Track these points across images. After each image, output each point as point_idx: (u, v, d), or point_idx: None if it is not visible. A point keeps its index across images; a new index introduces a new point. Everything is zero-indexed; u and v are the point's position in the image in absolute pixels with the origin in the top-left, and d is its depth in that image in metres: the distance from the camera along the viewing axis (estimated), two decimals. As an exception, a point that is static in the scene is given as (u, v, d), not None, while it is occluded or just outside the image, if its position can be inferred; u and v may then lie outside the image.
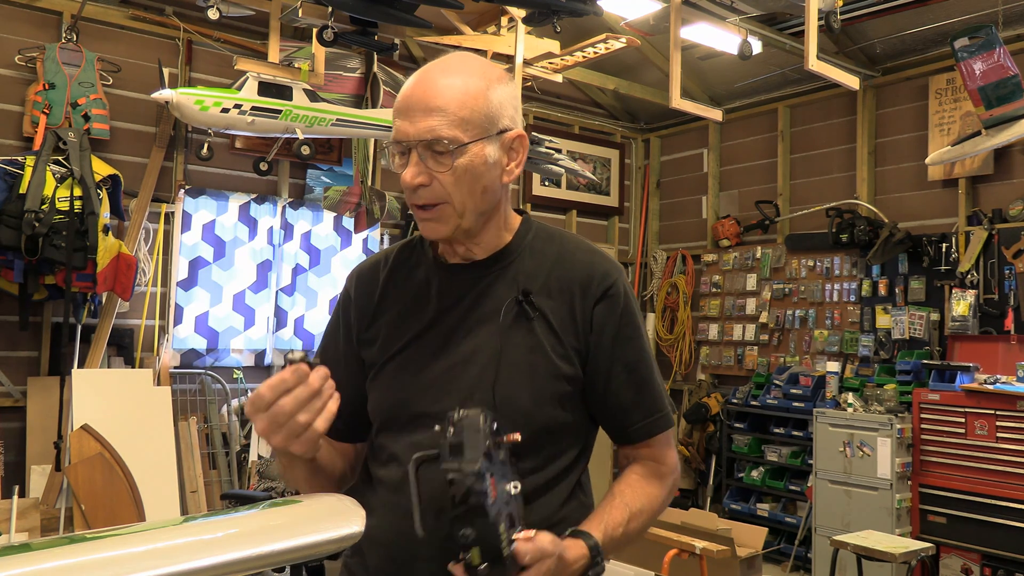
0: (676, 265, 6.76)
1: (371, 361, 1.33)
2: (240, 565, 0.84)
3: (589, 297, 1.28)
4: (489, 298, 1.28)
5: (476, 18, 5.01)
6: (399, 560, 1.23)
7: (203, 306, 4.91)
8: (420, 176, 1.20)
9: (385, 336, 1.32)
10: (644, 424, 1.32)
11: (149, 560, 0.80)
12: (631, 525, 1.23)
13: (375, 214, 5.11)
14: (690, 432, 6.12)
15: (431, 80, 1.21)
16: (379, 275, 1.37)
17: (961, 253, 4.94)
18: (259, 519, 0.96)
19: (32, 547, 0.81)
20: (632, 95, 6.30)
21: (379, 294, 1.35)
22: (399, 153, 1.23)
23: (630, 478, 1.33)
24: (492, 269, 1.30)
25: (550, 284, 1.29)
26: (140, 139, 4.73)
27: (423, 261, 1.35)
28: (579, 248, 1.34)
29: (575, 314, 1.28)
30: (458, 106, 1.19)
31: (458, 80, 1.21)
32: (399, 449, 1.26)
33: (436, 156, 1.19)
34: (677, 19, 4.25)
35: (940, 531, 4.47)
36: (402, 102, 1.22)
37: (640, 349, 1.32)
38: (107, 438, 3.89)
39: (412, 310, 1.31)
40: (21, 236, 3.74)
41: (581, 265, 1.31)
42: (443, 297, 1.30)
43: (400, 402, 1.28)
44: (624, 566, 3.01)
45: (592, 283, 1.29)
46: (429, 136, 1.18)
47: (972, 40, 4.21)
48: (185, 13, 4.81)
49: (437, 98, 1.19)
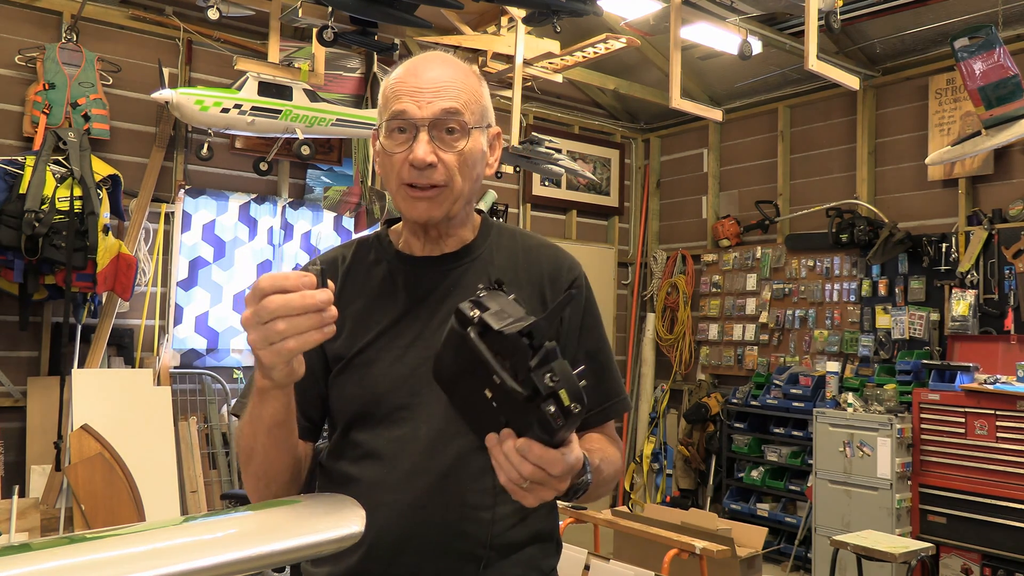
0: (676, 265, 6.76)
1: (336, 354, 1.30)
2: (240, 565, 0.84)
3: (558, 288, 1.34)
4: (461, 289, 1.29)
5: (476, 18, 5.02)
6: (382, 558, 1.21)
7: (203, 306, 4.91)
8: (432, 154, 1.22)
9: (351, 330, 1.30)
10: (602, 409, 1.36)
11: (149, 560, 0.80)
12: (603, 466, 1.22)
13: (375, 214, 5.11)
14: (690, 432, 6.12)
15: (434, 67, 1.26)
16: (338, 269, 1.37)
17: (961, 253, 4.94)
18: (259, 519, 0.96)
19: (32, 547, 0.81)
20: (632, 95, 6.30)
21: (339, 287, 1.34)
22: (398, 131, 1.24)
23: (592, 436, 1.34)
24: (462, 262, 1.33)
25: (519, 277, 1.33)
26: (140, 139, 4.73)
27: (384, 256, 1.36)
28: (541, 244, 1.41)
29: (546, 305, 1.32)
30: (466, 93, 1.26)
31: (459, 71, 1.28)
32: (380, 444, 1.24)
33: (445, 137, 1.23)
34: (677, 19, 4.25)
35: (940, 531, 4.47)
36: (405, 84, 1.24)
37: (600, 338, 1.39)
38: (107, 438, 3.89)
39: (378, 303, 1.31)
40: (21, 236, 3.74)
41: (547, 259, 1.38)
42: (412, 289, 1.31)
43: (375, 395, 1.26)
44: (624, 566, 3.01)
45: (560, 275, 1.35)
46: (442, 115, 1.22)
47: (972, 40, 4.21)
48: (185, 13, 4.81)
49: (448, 82, 1.24)
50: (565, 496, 1.05)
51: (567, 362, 0.94)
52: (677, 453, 6.28)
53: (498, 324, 0.95)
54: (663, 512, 4.13)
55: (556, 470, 0.95)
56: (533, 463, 0.94)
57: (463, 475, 1.22)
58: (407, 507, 1.21)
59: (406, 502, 1.21)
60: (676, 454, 6.30)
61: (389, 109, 1.25)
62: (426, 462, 1.23)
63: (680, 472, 6.21)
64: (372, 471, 1.24)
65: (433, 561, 1.21)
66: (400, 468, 1.23)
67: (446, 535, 1.21)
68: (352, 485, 1.24)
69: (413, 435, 1.24)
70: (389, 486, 1.22)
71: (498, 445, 0.96)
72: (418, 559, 1.21)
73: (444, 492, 1.22)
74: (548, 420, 0.92)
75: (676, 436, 6.36)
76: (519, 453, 0.94)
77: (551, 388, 0.92)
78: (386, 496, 1.22)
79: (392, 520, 1.21)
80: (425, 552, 1.21)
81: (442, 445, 1.22)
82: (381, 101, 1.29)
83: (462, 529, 1.22)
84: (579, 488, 1.08)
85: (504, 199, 6.14)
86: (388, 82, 1.28)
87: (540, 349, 0.93)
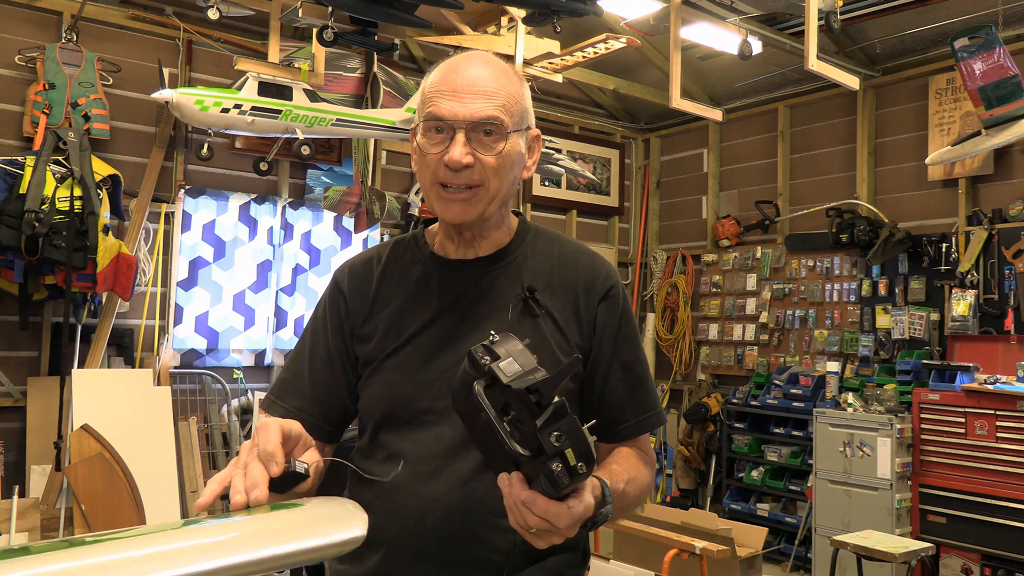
0: (676, 265, 6.76)
1: (367, 358, 1.30)
2: (242, 569, 0.84)
3: (593, 297, 1.31)
4: (493, 294, 1.28)
5: (476, 18, 5.01)
6: (401, 561, 1.21)
7: (203, 306, 4.91)
8: (469, 156, 1.21)
9: (384, 332, 1.30)
10: (637, 421, 1.34)
11: (149, 564, 0.80)
12: (629, 488, 1.21)
13: (375, 214, 5.11)
14: (690, 432, 6.12)
15: (476, 67, 1.24)
16: (373, 271, 1.36)
17: (961, 253, 4.94)
18: (261, 522, 0.96)
19: (31, 550, 0.80)
20: (632, 95, 6.29)
21: (374, 290, 1.33)
22: (435, 131, 1.23)
23: (623, 452, 1.33)
24: (496, 266, 1.31)
25: (554, 283, 1.31)
26: (140, 139, 4.73)
27: (419, 258, 1.35)
28: (579, 250, 1.38)
29: (579, 313, 1.30)
30: (506, 95, 1.23)
31: (501, 73, 1.25)
32: (404, 447, 1.24)
33: (483, 139, 1.22)
34: (677, 19, 4.25)
35: (940, 531, 4.47)
36: (447, 84, 1.22)
37: (636, 348, 1.36)
38: (107, 438, 3.88)
39: (412, 306, 1.30)
40: (21, 236, 3.74)
41: (583, 266, 1.34)
42: (445, 293, 1.30)
43: (403, 398, 1.26)
44: (624, 566, 3.01)
45: (596, 283, 1.32)
46: (485, 116, 1.21)
47: (972, 40, 4.20)
48: (185, 13, 4.80)
49: (489, 84, 1.22)
50: (583, 528, 1.04)
51: (576, 417, 0.93)
52: (677, 453, 6.27)
53: (506, 377, 0.94)
54: (663, 512, 4.13)
55: (561, 524, 0.95)
56: (539, 516, 0.95)
57: (485, 482, 1.20)
58: (427, 510, 1.20)
59: (426, 505, 1.20)
60: (676, 454, 6.30)
61: (427, 108, 1.24)
62: (448, 466, 1.22)
63: (680, 472, 6.21)
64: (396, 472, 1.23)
65: (451, 568, 1.20)
66: (422, 471, 1.22)
67: (465, 541, 1.20)
68: (376, 486, 1.24)
69: (437, 439, 1.23)
70: (411, 489, 1.22)
71: (508, 488, 0.97)
72: (437, 565, 1.20)
73: (465, 498, 1.21)
74: (554, 477, 0.92)
75: (676, 436, 6.36)
76: (525, 505, 0.95)
77: (557, 448, 0.92)
78: (407, 499, 1.21)
79: (412, 523, 1.20)
80: (444, 558, 1.20)
81: (465, 451, 1.20)
82: (420, 99, 1.28)
83: (482, 536, 1.20)
84: (598, 521, 1.08)
85: (504, 199, 6.13)
86: (428, 81, 1.27)
87: (548, 407, 0.92)
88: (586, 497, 0.98)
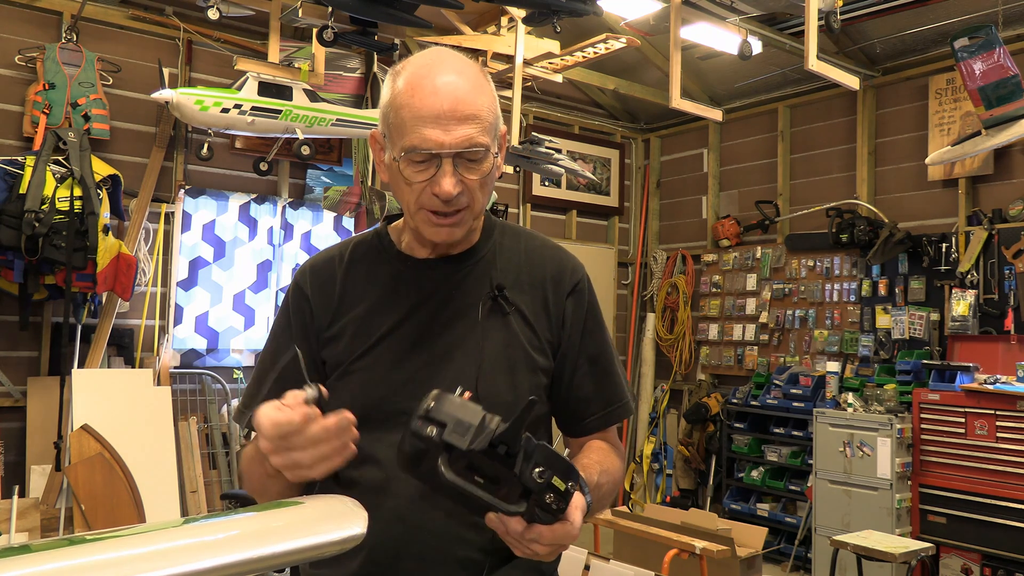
0: (676, 265, 6.76)
1: (336, 361, 1.28)
2: (241, 567, 0.84)
3: (560, 291, 1.32)
4: (463, 293, 1.28)
5: (476, 18, 5.02)
6: (382, 563, 1.20)
7: (203, 306, 4.91)
8: (459, 184, 1.18)
9: (353, 334, 1.27)
10: (604, 414, 1.35)
11: (149, 562, 0.80)
12: (602, 479, 1.22)
13: (375, 214, 5.11)
14: (690, 432, 6.12)
15: (452, 83, 1.17)
16: (336, 271, 1.33)
17: (961, 253, 4.94)
18: (260, 521, 0.96)
19: (31, 549, 0.80)
20: (632, 95, 6.29)
21: (339, 290, 1.31)
22: (419, 162, 1.17)
23: (593, 444, 1.34)
24: (465, 264, 1.30)
25: (522, 279, 1.31)
26: (140, 139, 4.73)
27: (386, 256, 1.33)
28: (545, 245, 1.38)
29: (548, 308, 1.31)
30: (487, 112, 1.19)
31: (476, 85, 1.19)
32: (379, 449, 1.22)
33: (468, 164, 1.18)
34: (677, 19, 4.25)
35: (940, 531, 4.47)
36: (428, 110, 1.15)
37: (602, 342, 1.36)
38: (107, 438, 3.88)
39: (381, 306, 1.28)
40: (21, 236, 3.74)
41: (550, 261, 1.35)
42: (414, 292, 1.28)
43: (376, 400, 1.24)
44: (624, 566, 3.01)
45: (563, 278, 1.33)
46: (469, 145, 1.16)
47: (972, 40, 4.20)
48: (185, 13, 4.81)
49: (469, 105, 1.17)
50: None
51: (544, 443, 0.93)
52: (677, 453, 6.27)
53: (465, 442, 0.90)
54: (663, 512, 4.13)
55: (569, 541, 0.98)
56: (548, 545, 0.97)
57: None
58: (406, 512, 1.20)
59: (404, 507, 1.20)
60: (676, 454, 6.30)
61: (407, 136, 1.16)
62: None
63: (680, 472, 6.21)
64: (371, 475, 1.23)
65: (434, 567, 1.20)
66: (399, 473, 1.21)
67: (445, 541, 1.20)
68: (352, 489, 1.22)
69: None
70: (388, 491, 1.21)
71: (502, 527, 0.98)
72: (418, 565, 1.20)
73: (443, 497, 1.20)
74: (549, 508, 0.94)
75: (676, 436, 6.36)
76: (534, 540, 0.97)
77: (542, 484, 0.92)
78: (386, 501, 1.21)
79: (391, 525, 1.20)
80: (426, 558, 1.20)
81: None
82: (392, 113, 1.19)
83: (462, 535, 1.21)
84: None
85: (504, 199, 6.14)
86: (398, 93, 1.18)
87: (517, 452, 0.91)
88: (577, 504, 1.00)
